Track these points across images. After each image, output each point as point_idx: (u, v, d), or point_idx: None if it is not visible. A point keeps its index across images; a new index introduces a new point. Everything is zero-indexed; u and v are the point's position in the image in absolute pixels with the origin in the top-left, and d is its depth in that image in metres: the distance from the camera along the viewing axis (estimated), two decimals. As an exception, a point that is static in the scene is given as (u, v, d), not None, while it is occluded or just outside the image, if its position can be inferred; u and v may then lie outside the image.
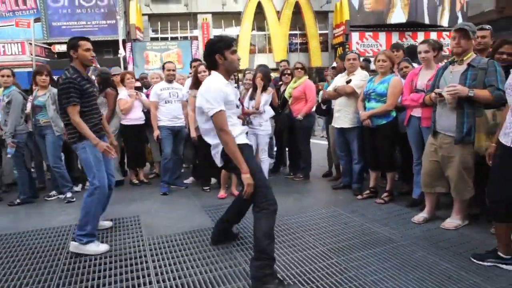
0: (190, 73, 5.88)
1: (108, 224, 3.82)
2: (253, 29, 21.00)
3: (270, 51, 21.13)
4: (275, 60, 19.38)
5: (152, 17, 20.69)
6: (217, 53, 2.64)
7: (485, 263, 2.70)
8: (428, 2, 21.15)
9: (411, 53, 4.71)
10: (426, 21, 20.08)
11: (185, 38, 20.55)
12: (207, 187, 5.14)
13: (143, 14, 20.20)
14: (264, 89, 4.70)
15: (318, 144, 7.92)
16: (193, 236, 3.51)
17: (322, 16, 21.91)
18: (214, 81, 2.64)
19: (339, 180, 5.26)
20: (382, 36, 20.44)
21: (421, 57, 3.86)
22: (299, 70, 5.45)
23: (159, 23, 21.03)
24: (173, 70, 5.15)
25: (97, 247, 3.18)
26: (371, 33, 20.32)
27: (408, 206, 4.09)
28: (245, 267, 2.81)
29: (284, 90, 5.66)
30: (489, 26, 3.89)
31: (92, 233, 3.21)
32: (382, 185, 4.66)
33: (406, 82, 4.05)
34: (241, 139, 2.75)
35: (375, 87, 4.19)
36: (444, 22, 20.76)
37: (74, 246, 3.16)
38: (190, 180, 5.65)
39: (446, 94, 3.17)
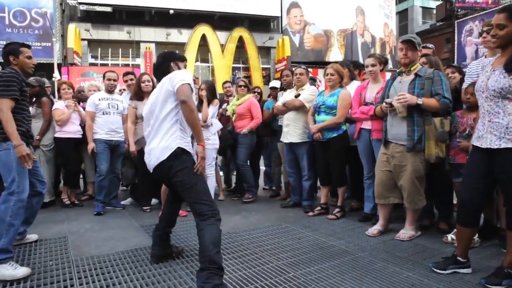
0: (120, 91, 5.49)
1: (34, 237, 3.39)
2: (196, 61, 20.99)
3: (214, 82, 21.13)
4: (218, 92, 19.36)
5: (92, 43, 19.85)
6: (172, 61, 2.87)
7: (447, 271, 2.59)
8: (361, 45, 22.91)
9: (356, 68, 4.88)
10: (361, 60, 21.50)
11: (127, 65, 19.89)
12: (147, 207, 4.65)
13: (83, 39, 19.28)
14: (209, 102, 4.53)
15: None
16: (130, 255, 3.06)
17: (264, 51, 22.59)
18: (185, 71, 2.81)
19: (288, 199, 5.08)
20: (321, 72, 21.41)
21: (369, 71, 3.92)
22: (242, 87, 5.32)
23: (99, 49, 20.22)
24: (114, 80, 4.73)
25: (14, 271, 2.60)
26: (311, 69, 21.22)
27: (360, 220, 3.99)
28: (192, 286, 2.46)
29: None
30: (432, 45, 4.09)
31: (7, 248, 2.67)
32: (332, 203, 4.55)
33: (354, 96, 4.07)
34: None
35: (325, 100, 4.16)
36: (376, 62, 22.48)
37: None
38: (128, 201, 5.10)
39: (396, 103, 3.19)
